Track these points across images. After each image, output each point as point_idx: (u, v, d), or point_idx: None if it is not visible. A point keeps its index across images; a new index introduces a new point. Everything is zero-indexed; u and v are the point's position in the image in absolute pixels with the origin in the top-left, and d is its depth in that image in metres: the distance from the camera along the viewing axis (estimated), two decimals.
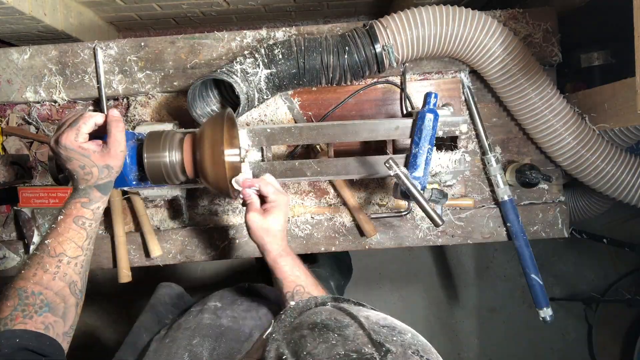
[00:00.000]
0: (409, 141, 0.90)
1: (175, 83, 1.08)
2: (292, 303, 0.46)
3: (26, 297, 0.61)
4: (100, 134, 0.73)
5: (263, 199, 0.80)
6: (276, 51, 0.95)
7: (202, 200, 1.12)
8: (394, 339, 0.37)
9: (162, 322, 0.98)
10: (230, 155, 0.86)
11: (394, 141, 1.04)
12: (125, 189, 0.96)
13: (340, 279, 1.43)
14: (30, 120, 1.11)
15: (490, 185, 1.12)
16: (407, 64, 1.07)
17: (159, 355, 0.76)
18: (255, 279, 1.16)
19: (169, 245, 1.11)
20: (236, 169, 0.87)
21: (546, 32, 1.05)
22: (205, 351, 0.74)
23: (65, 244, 0.67)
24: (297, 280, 0.76)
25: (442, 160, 0.93)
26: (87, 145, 0.69)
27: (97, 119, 0.71)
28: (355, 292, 2.18)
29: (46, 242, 0.67)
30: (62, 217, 0.69)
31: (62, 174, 0.81)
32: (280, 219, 0.78)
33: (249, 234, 0.78)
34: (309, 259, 1.50)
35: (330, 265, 1.42)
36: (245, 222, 0.78)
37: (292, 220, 1.11)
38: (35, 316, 0.60)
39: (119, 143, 0.71)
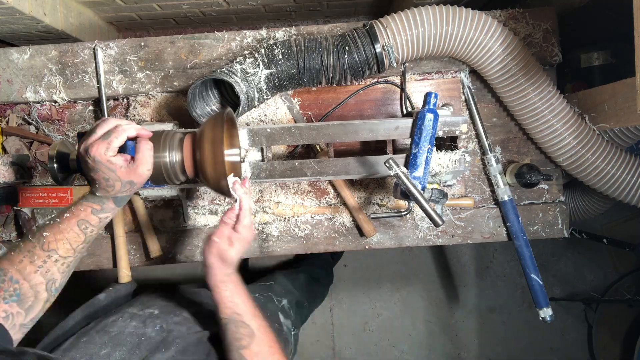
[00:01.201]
0: (409, 141, 0.90)
1: (175, 83, 1.08)
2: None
3: (2, 281, 0.62)
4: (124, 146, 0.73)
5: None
6: (276, 51, 0.95)
7: (202, 200, 1.12)
8: None
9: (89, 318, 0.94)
10: (230, 155, 0.86)
11: (394, 141, 1.04)
12: None
13: (301, 298, 1.38)
14: (30, 120, 1.11)
15: (490, 185, 1.12)
16: (407, 64, 1.07)
17: (66, 354, 0.75)
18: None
19: (168, 245, 1.11)
20: (236, 169, 0.87)
21: (546, 32, 1.05)
22: None
23: (60, 243, 0.67)
24: (235, 308, 0.74)
25: (442, 160, 0.93)
26: (115, 159, 0.70)
27: (130, 132, 0.72)
28: (356, 292, 2.19)
29: (44, 234, 0.67)
30: (68, 214, 0.70)
31: (67, 172, 0.80)
32: (240, 253, 0.77)
33: (205, 249, 0.76)
34: (266, 273, 1.47)
35: (287, 282, 1.38)
36: (210, 239, 0.75)
37: (292, 220, 1.11)
38: (1, 302, 0.61)
39: (146, 162, 0.72)
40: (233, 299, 0.75)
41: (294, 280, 1.46)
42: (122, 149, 0.72)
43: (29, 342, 0.66)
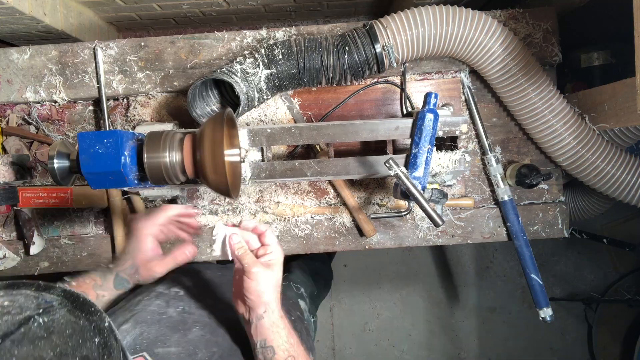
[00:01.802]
0: (409, 141, 0.90)
1: (175, 83, 1.08)
2: None
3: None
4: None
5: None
6: (276, 51, 0.95)
7: (202, 200, 1.12)
8: None
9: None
10: (230, 155, 0.86)
11: (394, 141, 1.04)
12: (125, 189, 0.96)
13: (313, 287, 1.41)
14: (30, 120, 1.11)
15: (490, 185, 1.12)
16: (407, 64, 1.07)
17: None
18: None
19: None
20: (236, 169, 0.87)
21: (546, 32, 1.05)
22: (129, 336, 0.72)
23: None
24: (291, 350, 0.69)
25: (442, 160, 0.93)
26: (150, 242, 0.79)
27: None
28: (356, 292, 2.18)
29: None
30: (74, 283, 0.73)
31: (67, 172, 0.81)
32: (280, 275, 0.72)
33: (247, 292, 0.68)
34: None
35: (302, 272, 1.42)
36: (248, 276, 0.68)
37: (292, 220, 1.11)
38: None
39: (167, 267, 0.79)
40: (289, 339, 0.70)
41: (305, 270, 1.48)
42: None
43: None
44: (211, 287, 0.93)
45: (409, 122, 0.90)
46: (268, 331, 0.69)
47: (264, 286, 0.68)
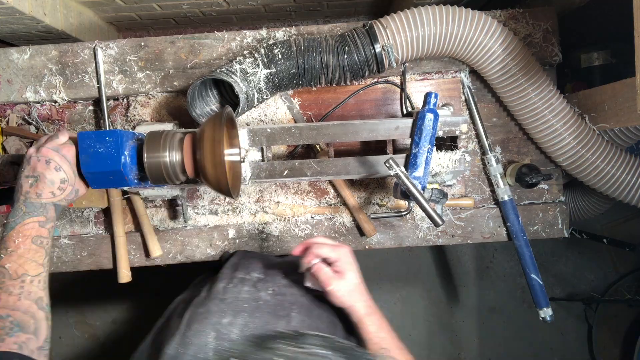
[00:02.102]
0: (409, 141, 0.90)
1: (175, 83, 1.08)
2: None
3: None
4: None
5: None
6: (276, 51, 0.95)
7: (202, 200, 1.12)
8: None
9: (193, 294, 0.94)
10: (230, 155, 0.86)
11: (394, 141, 1.04)
12: (125, 189, 0.96)
13: None
14: (30, 120, 1.11)
15: (490, 185, 1.12)
16: (407, 64, 1.07)
17: (190, 326, 0.73)
18: None
19: (169, 245, 1.11)
20: (236, 169, 0.87)
21: (546, 32, 1.05)
22: (235, 328, 0.71)
23: (26, 265, 0.66)
24: (382, 343, 0.72)
25: (442, 160, 0.93)
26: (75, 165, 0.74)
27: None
28: None
29: (6, 266, 0.65)
30: (20, 239, 0.68)
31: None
32: (355, 273, 0.75)
33: (338, 303, 0.74)
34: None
35: None
36: (331, 295, 0.74)
37: (292, 220, 1.11)
38: (7, 338, 0.60)
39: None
40: (379, 333, 0.73)
41: None
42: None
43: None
44: (281, 270, 0.92)
45: (409, 122, 0.90)
46: (357, 327, 0.74)
47: (341, 297, 0.73)
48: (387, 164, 0.80)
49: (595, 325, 2.08)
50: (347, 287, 0.74)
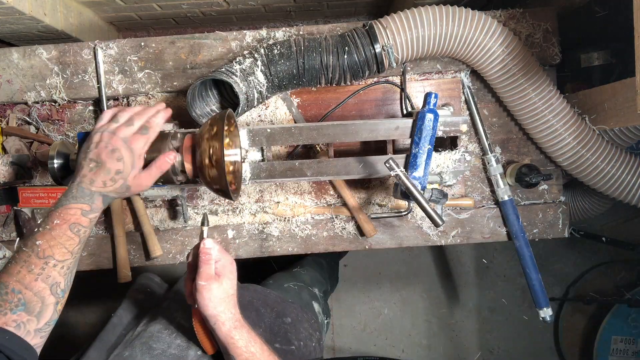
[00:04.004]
0: (409, 141, 0.90)
1: (175, 83, 1.08)
2: None
3: (5, 294, 0.61)
4: None
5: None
6: (276, 51, 0.95)
7: (202, 200, 1.12)
8: None
9: (139, 318, 0.94)
10: (230, 155, 0.86)
11: (394, 141, 1.04)
12: None
13: (327, 285, 1.39)
14: (30, 120, 1.11)
15: (490, 185, 1.12)
16: (407, 64, 1.07)
17: None
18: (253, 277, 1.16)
19: (169, 245, 1.11)
20: (236, 169, 0.87)
21: (546, 32, 1.05)
22: None
23: (55, 248, 0.66)
24: (252, 358, 0.69)
25: (442, 160, 0.93)
26: (142, 159, 0.72)
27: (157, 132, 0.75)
28: (356, 292, 2.18)
29: (37, 242, 0.65)
30: (58, 221, 0.67)
31: (67, 172, 0.80)
32: (233, 284, 0.72)
33: (199, 300, 0.69)
34: (295, 259, 1.48)
35: (315, 271, 1.39)
36: (199, 293, 0.69)
37: (292, 220, 1.11)
38: (9, 313, 0.60)
39: (153, 178, 0.74)
40: (249, 347, 0.70)
41: (320, 266, 1.46)
42: None
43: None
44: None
45: (409, 122, 0.90)
46: (223, 342, 0.70)
47: (208, 300, 0.69)
48: (387, 164, 0.80)
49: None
50: (219, 292, 0.70)
